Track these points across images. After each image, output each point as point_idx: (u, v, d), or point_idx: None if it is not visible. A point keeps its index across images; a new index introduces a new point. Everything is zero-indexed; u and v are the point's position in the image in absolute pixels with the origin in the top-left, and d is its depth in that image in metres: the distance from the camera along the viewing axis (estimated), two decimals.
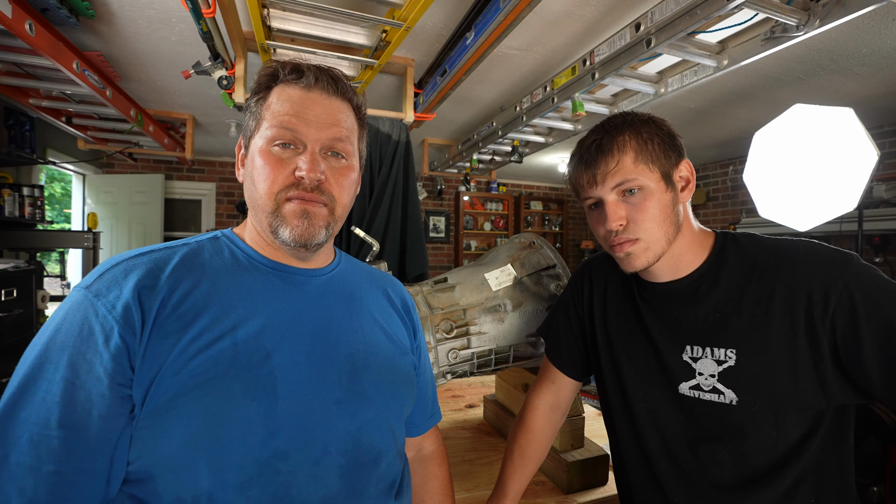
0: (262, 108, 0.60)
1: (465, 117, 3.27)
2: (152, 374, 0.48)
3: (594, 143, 0.70)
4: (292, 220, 0.57)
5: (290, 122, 0.57)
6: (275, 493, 0.50)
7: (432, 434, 0.82)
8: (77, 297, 0.50)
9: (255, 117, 0.60)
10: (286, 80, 0.60)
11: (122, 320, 0.48)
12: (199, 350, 0.50)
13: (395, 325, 0.72)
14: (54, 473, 0.43)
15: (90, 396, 0.46)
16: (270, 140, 0.58)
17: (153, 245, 0.58)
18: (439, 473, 0.80)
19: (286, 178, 0.57)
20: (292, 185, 0.57)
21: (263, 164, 0.57)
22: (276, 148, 0.58)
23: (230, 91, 2.09)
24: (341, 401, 0.57)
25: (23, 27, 1.58)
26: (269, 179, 0.57)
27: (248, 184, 0.61)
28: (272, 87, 0.60)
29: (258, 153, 0.58)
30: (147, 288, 0.51)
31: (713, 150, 4.19)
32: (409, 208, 2.14)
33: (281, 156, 0.58)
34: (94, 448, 0.45)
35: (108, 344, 0.47)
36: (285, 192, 0.57)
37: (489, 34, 1.70)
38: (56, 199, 4.53)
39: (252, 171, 0.59)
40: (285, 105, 0.58)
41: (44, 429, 0.44)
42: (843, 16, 1.38)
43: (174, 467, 0.48)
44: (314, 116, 0.59)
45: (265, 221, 0.59)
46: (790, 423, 0.62)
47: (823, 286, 0.60)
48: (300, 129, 0.58)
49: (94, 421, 0.45)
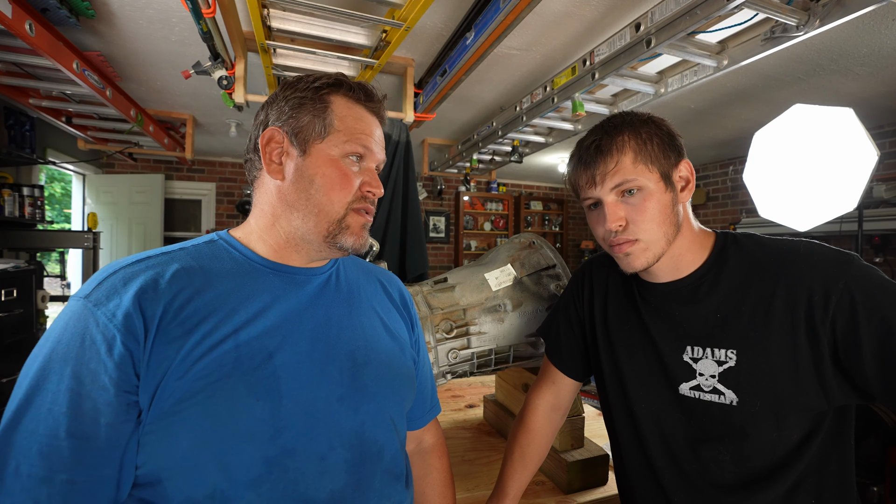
0: (330, 116, 0.61)
1: (465, 117, 3.27)
2: (157, 379, 0.49)
3: (593, 143, 0.70)
4: (358, 230, 0.63)
5: (368, 142, 0.63)
6: (285, 490, 0.52)
7: (432, 427, 0.83)
8: (76, 307, 0.50)
9: (322, 123, 0.61)
10: (353, 96, 0.64)
11: (124, 328, 0.48)
12: (202, 354, 0.51)
13: (394, 318, 0.73)
14: (67, 482, 0.44)
15: (97, 405, 0.46)
16: (346, 153, 0.62)
17: (150, 251, 0.58)
18: (439, 466, 0.81)
19: (356, 191, 0.62)
20: (360, 199, 0.63)
21: (341, 175, 0.61)
22: (349, 160, 0.62)
23: (230, 91, 2.09)
24: (344, 397, 0.58)
25: (23, 27, 1.58)
26: (345, 190, 0.61)
27: (304, 185, 0.61)
28: (330, 95, 0.63)
29: (331, 161, 0.61)
30: (147, 295, 0.51)
31: (713, 150, 4.19)
32: (409, 208, 2.14)
33: (352, 168, 0.63)
34: (103, 456, 0.46)
35: (112, 353, 0.48)
36: (354, 204, 0.62)
37: (489, 34, 1.70)
38: (56, 199, 4.53)
39: (318, 176, 0.61)
40: (360, 124, 0.63)
41: (53, 439, 0.44)
42: (843, 16, 1.38)
43: (183, 469, 0.49)
44: (378, 139, 0.66)
45: (325, 227, 0.61)
46: (791, 424, 0.62)
47: (824, 287, 0.60)
48: (373, 150, 0.64)
49: (103, 429, 0.46)
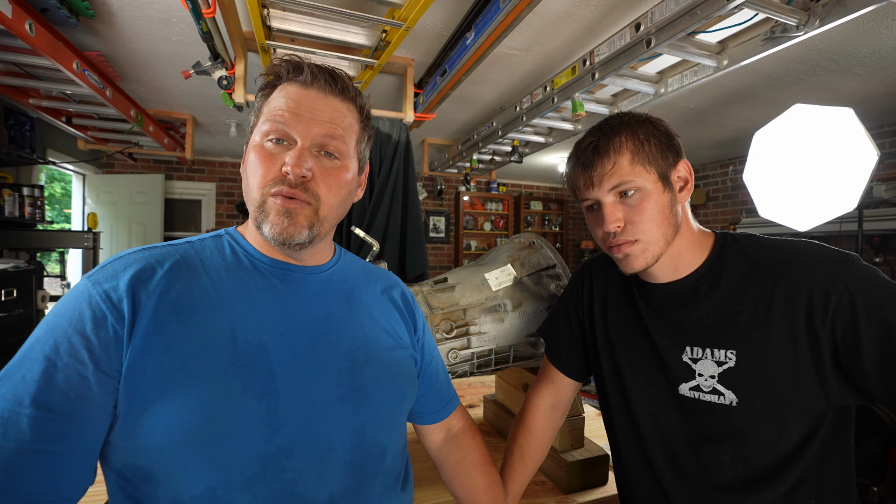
0: (263, 105, 0.61)
1: (465, 117, 3.27)
2: (147, 369, 0.48)
3: (590, 145, 0.70)
4: (274, 217, 0.57)
5: (283, 117, 0.57)
6: (281, 490, 0.50)
7: (458, 412, 0.81)
8: (79, 285, 0.52)
9: (256, 114, 0.62)
10: (288, 78, 0.60)
11: (114, 310, 0.49)
12: (197, 348, 0.51)
13: (394, 319, 0.72)
14: (15, 452, 0.42)
15: (70, 378, 0.45)
16: (264, 135, 0.58)
17: (159, 243, 0.59)
18: (475, 444, 0.79)
19: (274, 173, 0.57)
20: (279, 181, 0.57)
21: (255, 159, 0.58)
22: (268, 143, 0.58)
23: (230, 91, 2.09)
24: (343, 397, 0.57)
25: (23, 27, 1.58)
26: (258, 173, 0.57)
27: (244, 178, 0.62)
28: (276, 86, 0.61)
29: (252, 148, 0.59)
30: (142, 282, 0.52)
31: (713, 150, 4.18)
32: (409, 208, 2.14)
33: (272, 151, 0.57)
34: (66, 430, 0.44)
35: (97, 331, 0.48)
36: (271, 188, 0.57)
37: (489, 34, 1.70)
38: (56, 199, 4.52)
39: (246, 165, 0.61)
40: (281, 101, 0.59)
41: (16, 406, 0.43)
42: (843, 16, 1.38)
43: (174, 464, 0.48)
44: (307, 113, 0.58)
45: (252, 215, 0.59)
46: (790, 425, 0.62)
47: (824, 287, 0.60)
48: (291, 125, 0.57)
49: (72, 402, 0.45)
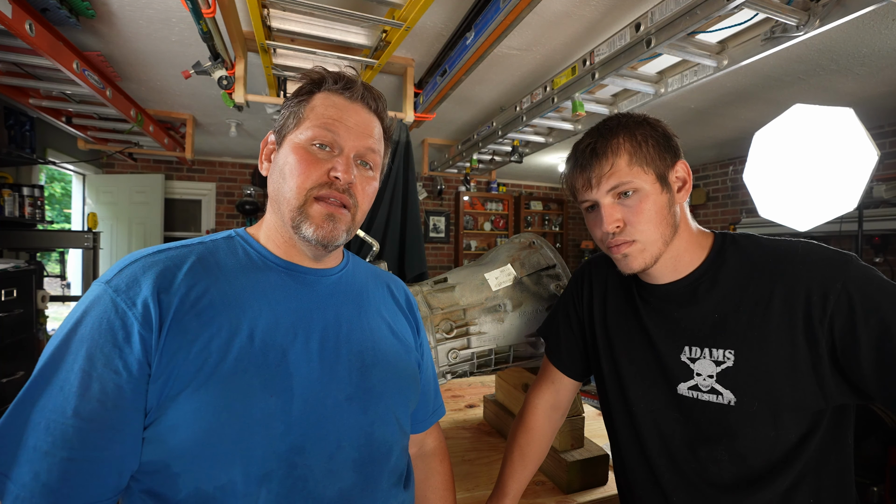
0: (305, 109, 0.62)
1: (465, 117, 3.27)
2: (170, 369, 0.50)
3: (588, 146, 0.70)
4: (319, 220, 0.59)
5: (334, 126, 0.61)
6: (293, 486, 0.52)
7: (434, 431, 0.83)
8: (97, 291, 0.52)
9: (296, 116, 0.63)
10: (333, 88, 0.63)
11: (141, 317, 0.50)
12: (218, 347, 0.52)
13: (400, 322, 0.74)
14: (67, 460, 0.45)
15: (105, 388, 0.47)
16: (311, 139, 0.60)
17: (170, 243, 0.60)
18: (441, 469, 0.82)
19: (319, 176, 0.59)
20: (324, 185, 0.60)
21: (299, 161, 0.60)
22: (314, 147, 0.60)
23: (230, 91, 2.09)
24: (352, 397, 0.59)
25: (23, 27, 1.58)
26: (302, 175, 0.59)
27: (276, 177, 0.62)
28: (315, 92, 0.63)
29: (294, 149, 0.60)
30: (165, 286, 0.53)
31: (713, 150, 4.18)
32: (408, 208, 2.14)
33: (318, 155, 0.60)
34: (106, 438, 0.47)
35: (128, 339, 0.49)
36: (316, 191, 0.59)
37: (489, 34, 1.69)
38: (56, 199, 4.53)
39: (283, 165, 0.61)
40: (330, 110, 0.62)
41: (60, 416, 0.46)
42: (843, 16, 1.38)
43: (196, 461, 0.49)
44: (354, 125, 0.62)
45: (288, 216, 0.60)
46: (789, 424, 0.62)
47: (822, 287, 0.60)
48: (341, 134, 0.61)
49: (109, 412, 0.47)
